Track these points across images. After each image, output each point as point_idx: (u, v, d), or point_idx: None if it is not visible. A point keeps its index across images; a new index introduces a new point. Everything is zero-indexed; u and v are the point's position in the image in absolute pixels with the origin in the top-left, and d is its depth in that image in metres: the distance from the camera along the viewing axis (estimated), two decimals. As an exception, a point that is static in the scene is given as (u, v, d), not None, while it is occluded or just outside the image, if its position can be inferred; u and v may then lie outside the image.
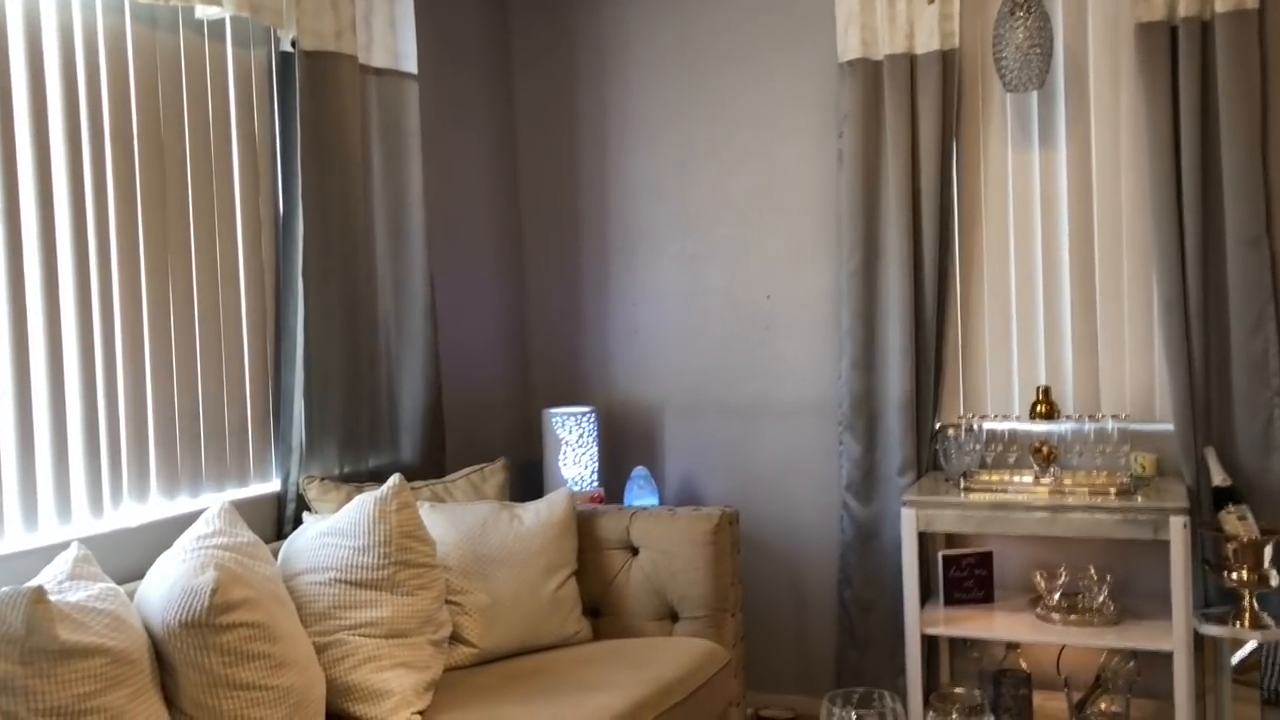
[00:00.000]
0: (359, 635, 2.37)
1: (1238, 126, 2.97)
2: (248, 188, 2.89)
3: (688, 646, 2.75)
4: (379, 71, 3.16)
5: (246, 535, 2.34)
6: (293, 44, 2.89)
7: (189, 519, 2.58)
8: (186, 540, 2.25)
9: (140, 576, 2.39)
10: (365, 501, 2.47)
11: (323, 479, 2.88)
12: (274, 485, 2.94)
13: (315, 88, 2.92)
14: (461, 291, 3.70)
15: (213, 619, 2.01)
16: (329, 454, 2.97)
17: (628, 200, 3.85)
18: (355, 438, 3.05)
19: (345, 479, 3.00)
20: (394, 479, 2.50)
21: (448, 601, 2.64)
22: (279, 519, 2.91)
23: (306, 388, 2.92)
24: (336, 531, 2.46)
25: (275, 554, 2.58)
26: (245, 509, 2.73)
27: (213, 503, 2.50)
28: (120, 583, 2.36)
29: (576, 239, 3.93)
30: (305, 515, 2.74)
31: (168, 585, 2.08)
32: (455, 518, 2.81)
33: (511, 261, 3.97)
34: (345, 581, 2.40)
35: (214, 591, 2.01)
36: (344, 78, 2.98)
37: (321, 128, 2.94)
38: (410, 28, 3.23)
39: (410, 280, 3.26)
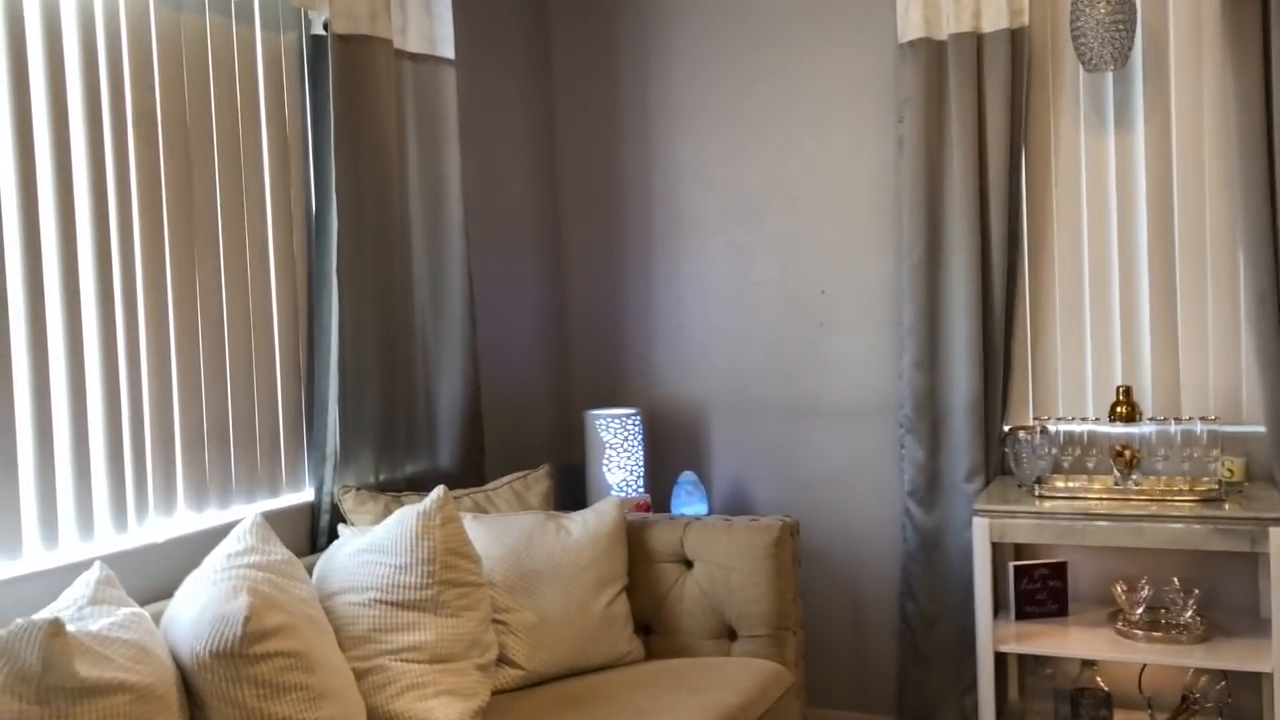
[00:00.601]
0: (401, 660, 2.20)
1: (1338, 106, 2.77)
2: (278, 179, 2.73)
3: (750, 668, 2.57)
4: (415, 56, 3.00)
5: (280, 552, 2.17)
6: (325, 27, 2.73)
7: (218, 532, 2.44)
8: (216, 559, 2.09)
9: (167, 595, 2.25)
10: (407, 516, 2.31)
11: (359, 488, 2.71)
12: (307, 495, 2.78)
13: (349, 73, 2.76)
14: (499, 287, 3.53)
15: (246, 649, 1.85)
16: (364, 461, 2.81)
17: (672, 188, 3.66)
18: (392, 443, 2.89)
19: (381, 488, 2.84)
20: (437, 491, 2.33)
21: (493, 620, 2.47)
22: (313, 531, 2.76)
23: (341, 391, 2.75)
24: (376, 548, 2.29)
25: (310, 568, 2.43)
26: (277, 521, 2.60)
27: (243, 514, 2.35)
28: (146, 602, 2.22)
29: (619, 230, 3.75)
30: (340, 527, 2.58)
31: (197, 611, 1.91)
32: (499, 530, 2.64)
33: (551, 254, 3.79)
34: (386, 602, 2.23)
35: (247, 619, 1.85)
36: (379, 63, 2.82)
37: (355, 115, 2.78)
38: (447, 10, 3.07)
39: (448, 276, 3.09)
